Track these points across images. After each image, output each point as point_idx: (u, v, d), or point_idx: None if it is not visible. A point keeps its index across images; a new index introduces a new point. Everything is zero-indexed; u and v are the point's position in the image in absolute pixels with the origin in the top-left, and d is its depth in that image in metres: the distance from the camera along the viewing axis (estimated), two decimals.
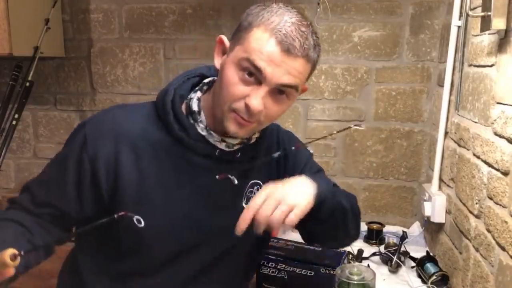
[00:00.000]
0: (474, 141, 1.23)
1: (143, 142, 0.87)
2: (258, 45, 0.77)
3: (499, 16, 1.01)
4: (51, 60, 2.22)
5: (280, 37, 0.76)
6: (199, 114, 0.88)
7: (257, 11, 0.80)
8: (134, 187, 0.85)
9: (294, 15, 0.80)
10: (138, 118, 0.89)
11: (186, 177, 0.88)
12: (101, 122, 0.88)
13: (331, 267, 1.26)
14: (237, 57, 0.79)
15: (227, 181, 0.88)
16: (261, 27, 0.78)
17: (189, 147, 0.87)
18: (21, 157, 2.35)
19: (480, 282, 1.12)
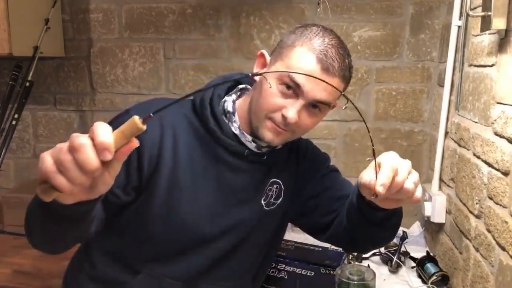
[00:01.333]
0: (474, 141, 1.23)
1: (181, 131, 0.91)
2: (300, 62, 0.84)
3: (499, 16, 1.01)
4: (51, 60, 2.22)
5: (321, 57, 0.84)
6: (233, 114, 0.94)
7: (300, 31, 0.87)
8: (169, 172, 0.89)
9: (334, 38, 0.88)
10: (177, 109, 0.94)
11: (213, 171, 0.93)
12: (147, 107, 0.90)
13: (331, 267, 1.26)
14: (278, 76, 0.86)
15: (250, 179, 0.97)
16: (304, 46, 0.85)
17: (221, 142, 0.92)
18: (21, 157, 2.35)
19: (480, 282, 1.12)
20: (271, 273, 1.32)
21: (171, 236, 0.94)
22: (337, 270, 1.15)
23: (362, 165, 1.98)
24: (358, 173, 2.11)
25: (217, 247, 0.97)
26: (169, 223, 0.92)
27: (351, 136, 1.98)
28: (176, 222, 0.92)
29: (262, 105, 0.87)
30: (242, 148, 0.93)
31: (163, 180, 0.89)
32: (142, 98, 2.14)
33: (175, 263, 0.96)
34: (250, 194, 0.99)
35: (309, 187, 1.07)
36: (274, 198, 1.03)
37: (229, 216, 0.96)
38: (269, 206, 1.03)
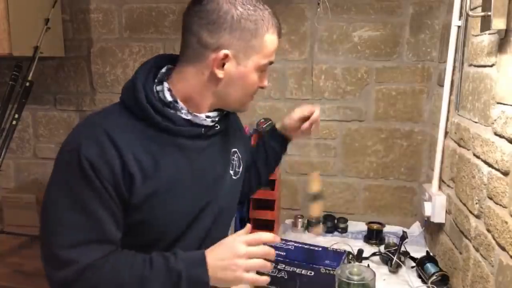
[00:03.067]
0: (474, 141, 1.23)
1: (131, 139, 0.89)
2: (273, 46, 0.94)
3: (499, 16, 1.01)
4: (51, 60, 2.22)
5: (278, 30, 0.94)
6: (176, 102, 0.94)
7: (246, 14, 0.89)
8: (143, 185, 0.88)
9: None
10: (116, 120, 0.91)
11: (181, 162, 0.94)
12: (93, 136, 0.86)
13: (331, 267, 1.26)
14: (259, 64, 0.93)
15: (215, 153, 1.02)
16: (269, 30, 0.92)
17: (176, 133, 0.93)
18: (21, 157, 2.35)
19: (480, 282, 1.12)
20: (271, 273, 1.32)
21: (162, 236, 0.96)
22: (337, 270, 1.15)
23: (362, 165, 1.99)
24: (358, 173, 2.12)
25: (206, 219, 1.01)
26: (159, 228, 0.93)
27: (351, 136, 1.98)
28: (164, 224, 0.94)
29: (247, 95, 0.98)
30: (198, 129, 0.97)
31: (140, 196, 0.88)
32: None
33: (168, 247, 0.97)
34: (221, 168, 1.04)
35: (242, 145, 1.18)
36: (237, 167, 1.11)
37: (210, 191, 1.01)
38: (236, 175, 1.10)
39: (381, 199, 2.01)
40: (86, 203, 0.85)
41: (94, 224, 0.85)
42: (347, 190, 2.03)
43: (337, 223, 1.90)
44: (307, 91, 1.97)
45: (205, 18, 0.92)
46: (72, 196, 0.85)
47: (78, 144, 0.85)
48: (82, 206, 0.85)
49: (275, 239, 0.93)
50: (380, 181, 2.00)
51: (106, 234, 0.87)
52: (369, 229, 1.79)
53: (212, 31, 0.90)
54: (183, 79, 0.96)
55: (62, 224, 0.85)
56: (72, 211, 0.85)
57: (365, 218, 1.96)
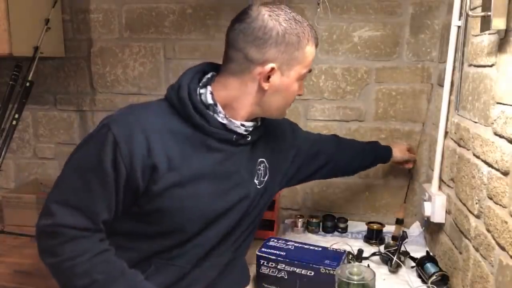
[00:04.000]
0: (474, 141, 1.23)
1: (166, 132, 0.94)
2: (312, 56, 1.02)
3: (499, 16, 1.01)
4: (51, 60, 2.22)
5: (316, 41, 1.04)
6: (215, 105, 1.00)
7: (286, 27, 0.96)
8: (167, 175, 0.93)
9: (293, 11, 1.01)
10: (156, 113, 0.98)
11: (208, 161, 0.99)
12: (127, 119, 0.93)
13: (331, 267, 1.26)
14: (301, 73, 1.01)
15: (241, 161, 1.07)
16: (309, 42, 1.00)
17: (209, 134, 0.98)
18: (21, 157, 2.35)
19: (480, 282, 1.12)
20: (271, 272, 1.32)
21: (178, 229, 1.00)
22: (337, 270, 1.16)
23: None
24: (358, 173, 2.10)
25: (224, 224, 1.05)
26: (175, 219, 0.98)
27: (351, 136, 1.98)
28: (182, 217, 0.98)
29: (288, 104, 1.06)
30: (230, 135, 1.02)
31: (163, 184, 0.93)
32: (142, 98, 2.15)
33: (183, 250, 1.02)
34: (245, 175, 1.08)
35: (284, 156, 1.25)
36: (262, 176, 1.15)
37: (231, 196, 1.05)
38: (260, 184, 1.14)
39: (381, 199, 2.01)
40: (89, 176, 0.90)
41: (86, 196, 0.90)
42: (347, 190, 2.03)
43: (337, 223, 1.90)
44: (307, 91, 1.97)
45: (251, 35, 0.97)
46: (83, 162, 0.92)
47: (113, 121, 0.93)
48: (85, 176, 0.90)
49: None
50: (380, 181, 2.00)
51: (92, 210, 0.91)
52: (369, 229, 1.79)
53: (258, 46, 0.96)
54: (226, 88, 1.03)
55: (64, 181, 0.93)
56: (76, 175, 0.92)
57: (365, 218, 1.96)
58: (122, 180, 0.90)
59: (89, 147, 0.92)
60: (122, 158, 0.88)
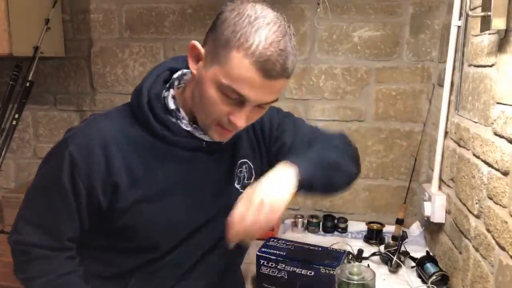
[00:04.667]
0: (474, 141, 1.23)
1: (127, 144, 0.87)
2: (239, 72, 0.77)
3: (499, 16, 1.01)
4: (51, 60, 2.22)
5: (261, 65, 0.76)
6: (178, 111, 0.90)
7: (233, 22, 0.78)
8: (130, 191, 0.86)
9: (272, 24, 0.79)
10: (118, 122, 0.90)
11: (177, 173, 0.90)
12: (85, 135, 0.88)
13: (331, 267, 1.26)
14: (217, 80, 0.79)
15: (216, 168, 0.96)
16: (240, 51, 0.76)
17: (174, 143, 0.89)
18: (21, 157, 2.35)
19: (480, 282, 1.12)
20: (271, 272, 1.32)
21: (153, 245, 0.93)
22: (337, 270, 1.15)
23: (361, 165, 1.98)
24: None
25: (204, 237, 0.97)
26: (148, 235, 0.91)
27: (351, 136, 1.97)
28: (154, 233, 0.91)
29: (206, 113, 0.84)
30: (199, 142, 0.91)
31: (126, 201, 0.87)
32: None
33: (163, 264, 0.95)
34: (222, 182, 0.98)
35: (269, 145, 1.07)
36: (246, 179, 1.03)
37: (206, 211, 0.96)
38: (243, 187, 1.01)
39: (381, 199, 2.01)
40: (51, 194, 0.88)
41: (49, 214, 0.89)
42: (347, 190, 2.03)
43: (337, 223, 1.90)
44: (307, 91, 1.97)
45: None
46: (44, 181, 0.90)
47: (71, 137, 0.88)
48: (47, 195, 0.89)
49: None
50: (380, 181, 2.00)
51: (56, 229, 0.89)
52: (369, 229, 1.79)
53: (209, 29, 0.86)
54: (187, 88, 0.91)
55: (29, 199, 0.92)
56: (39, 193, 0.90)
57: (365, 218, 1.96)
58: (82, 198, 0.86)
59: (50, 164, 0.90)
60: (80, 176, 0.84)
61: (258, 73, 0.76)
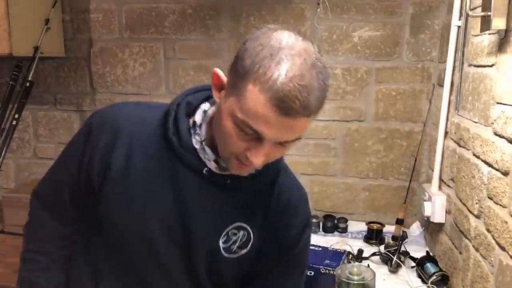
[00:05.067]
0: (474, 141, 1.23)
1: (140, 139, 0.86)
2: (254, 108, 0.69)
3: (499, 16, 1.01)
4: (51, 60, 2.22)
5: (276, 101, 0.68)
6: (199, 127, 0.84)
7: (255, 52, 0.71)
8: (119, 180, 0.85)
9: (297, 56, 0.70)
10: (142, 114, 0.88)
11: (169, 184, 0.84)
12: (106, 114, 0.90)
13: (331, 267, 1.26)
14: (233, 113, 0.72)
15: (210, 202, 0.84)
16: (256, 85, 0.69)
17: (177, 154, 0.83)
18: (21, 157, 2.35)
19: (480, 282, 1.12)
20: None
21: (125, 247, 0.88)
22: (337, 270, 1.16)
23: (361, 165, 2.00)
24: (357, 173, 2.13)
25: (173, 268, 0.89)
26: (121, 234, 0.86)
27: (351, 136, 1.98)
28: (128, 231, 0.86)
29: (225, 146, 0.77)
30: (201, 165, 0.82)
31: (112, 187, 0.84)
32: (142, 98, 2.15)
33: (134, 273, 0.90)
34: (208, 223, 0.86)
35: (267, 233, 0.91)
36: (237, 246, 0.87)
37: (184, 236, 0.86)
38: (228, 252, 0.87)
39: (381, 199, 2.01)
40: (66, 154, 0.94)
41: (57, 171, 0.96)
42: (347, 190, 2.03)
43: (337, 223, 1.90)
44: None
45: None
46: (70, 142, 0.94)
47: (99, 111, 0.91)
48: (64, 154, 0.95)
49: None
50: (380, 181, 2.00)
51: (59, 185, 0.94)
52: (369, 229, 1.79)
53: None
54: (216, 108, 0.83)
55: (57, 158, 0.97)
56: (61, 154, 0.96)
57: (365, 218, 1.96)
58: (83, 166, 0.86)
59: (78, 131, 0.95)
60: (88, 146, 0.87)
61: (275, 110, 0.68)
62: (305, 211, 0.95)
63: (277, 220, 0.90)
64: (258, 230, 0.89)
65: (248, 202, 0.87)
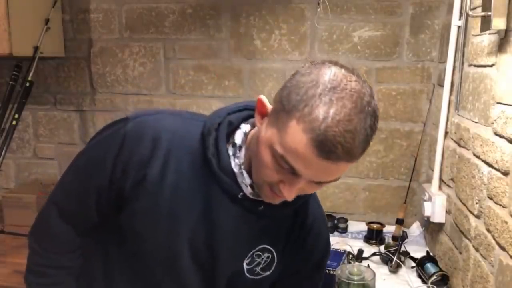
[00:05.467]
0: (474, 141, 1.23)
1: (177, 156, 0.82)
2: (295, 146, 0.67)
3: (499, 16, 1.01)
4: (51, 60, 2.22)
5: (318, 144, 0.65)
6: (239, 149, 0.81)
7: (304, 88, 0.67)
8: (152, 194, 0.82)
9: (347, 98, 0.66)
10: (183, 126, 0.84)
11: (200, 205, 0.83)
12: (144, 122, 0.83)
13: (331, 267, 1.26)
14: (272, 146, 0.70)
15: (238, 227, 0.83)
16: (300, 123, 0.66)
17: (214, 175, 0.81)
18: (21, 157, 2.35)
19: (480, 282, 1.12)
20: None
21: (147, 260, 0.86)
22: (337, 270, 1.16)
23: (361, 165, 1.99)
24: (358, 172, 2.13)
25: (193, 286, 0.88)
26: (145, 247, 0.85)
27: None
28: (152, 245, 0.85)
29: (259, 175, 0.76)
30: (236, 189, 0.80)
31: (143, 199, 0.82)
32: (142, 98, 2.15)
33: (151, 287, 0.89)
34: (234, 246, 0.85)
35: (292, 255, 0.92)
36: (261, 268, 0.88)
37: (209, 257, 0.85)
38: (252, 274, 0.87)
39: (381, 199, 2.01)
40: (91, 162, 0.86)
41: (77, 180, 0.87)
42: (347, 190, 2.03)
43: (337, 223, 1.90)
44: None
45: None
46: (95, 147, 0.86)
47: (134, 118, 0.83)
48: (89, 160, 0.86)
49: None
50: (380, 181, 2.00)
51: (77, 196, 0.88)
52: (369, 229, 1.79)
53: None
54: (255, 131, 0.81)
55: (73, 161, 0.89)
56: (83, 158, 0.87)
57: (365, 218, 1.96)
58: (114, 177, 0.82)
59: (104, 134, 0.86)
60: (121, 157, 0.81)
61: (315, 152, 0.66)
62: (327, 236, 0.97)
63: (301, 242, 0.90)
64: (282, 252, 0.89)
65: (274, 224, 0.87)
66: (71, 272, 0.93)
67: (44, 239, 0.91)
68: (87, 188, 0.86)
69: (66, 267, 0.92)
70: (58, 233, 0.90)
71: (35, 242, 0.91)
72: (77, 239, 0.91)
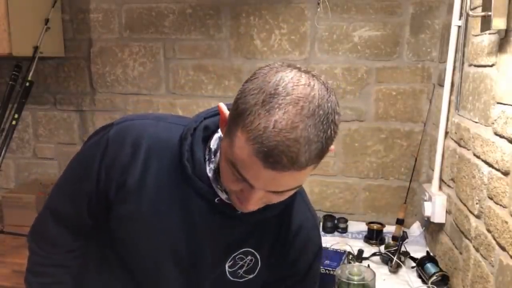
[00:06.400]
0: (474, 141, 1.23)
1: (157, 159, 0.82)
2: (241, 156, 0.64)
3: (499, 16, 1.01)
4: (51, 60, 2.22)
5: (262, 155, 0.62)
6: (214, 154, 0.80)
7: (250, 96, 0.64)
8: (132, 199, 0.82)
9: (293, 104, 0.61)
10: (163, 130, 0.83)
11: (180, 208, 0.82)
12: (127, 127, 0.83)
13: (331, 267, 1.26)
14: (226, 155, 0.69)
15: (218, 230, 0.83)
16: (244, 133, 0.63)
17: (190, 181, 0.80)
18: (21, 157, 2.35)
19: (480, 282, 1.12)
20: None
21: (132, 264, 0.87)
22: (337, 270, 1.15)
23: (361, 165, 1.99)
24: (357, 173, 2.13)
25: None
26: (129, 252, 0.86)
27: (351, 136, 1.98)
28: (134, 253, 0.85)
29: (223, 182, 0.74)
30: (212, 194, 0.79)
31: (124, 204, 0.82)
32: (142, 98, 2.15)
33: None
34: (215, 249, 0.84)
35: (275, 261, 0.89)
36: (244, 271, 0.87)
37: (191, 261, 0.85)
38: (234, 276, 0.86)
39: (381, 199, 2.01)
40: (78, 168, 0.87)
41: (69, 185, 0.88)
42: (347, 190, 2.03)
43: (337, 223, 1.90)
44: None
45: None
46: (82, 154, 0.88)
47: (117, 124, 0.84)
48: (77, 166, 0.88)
49: None
50: (380, 181, 2.00)
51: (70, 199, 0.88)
52: (369, 229, 1.79)
53: None
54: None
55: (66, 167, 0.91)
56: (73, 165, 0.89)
57: (365, 218, 1.96)
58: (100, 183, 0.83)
59: (90, 141, 0.88)
60: (104, 162, 0.81)
61: (260, 163, 0.63)
62: (316, 240, 0.92)
63: (287, 247, 0.88)
64: (267, 256, 0.87)
65: (258, 228, 0.85)
66: (70, 272, 0.94)
67: (42, 240, 0.92)
68: (78, 193, 0.87)
69: (65, 266, 0.93)
70: (55, 235, 0.90)
71: (34, 243, 0.92)
72: (74, 241, 0.92)
